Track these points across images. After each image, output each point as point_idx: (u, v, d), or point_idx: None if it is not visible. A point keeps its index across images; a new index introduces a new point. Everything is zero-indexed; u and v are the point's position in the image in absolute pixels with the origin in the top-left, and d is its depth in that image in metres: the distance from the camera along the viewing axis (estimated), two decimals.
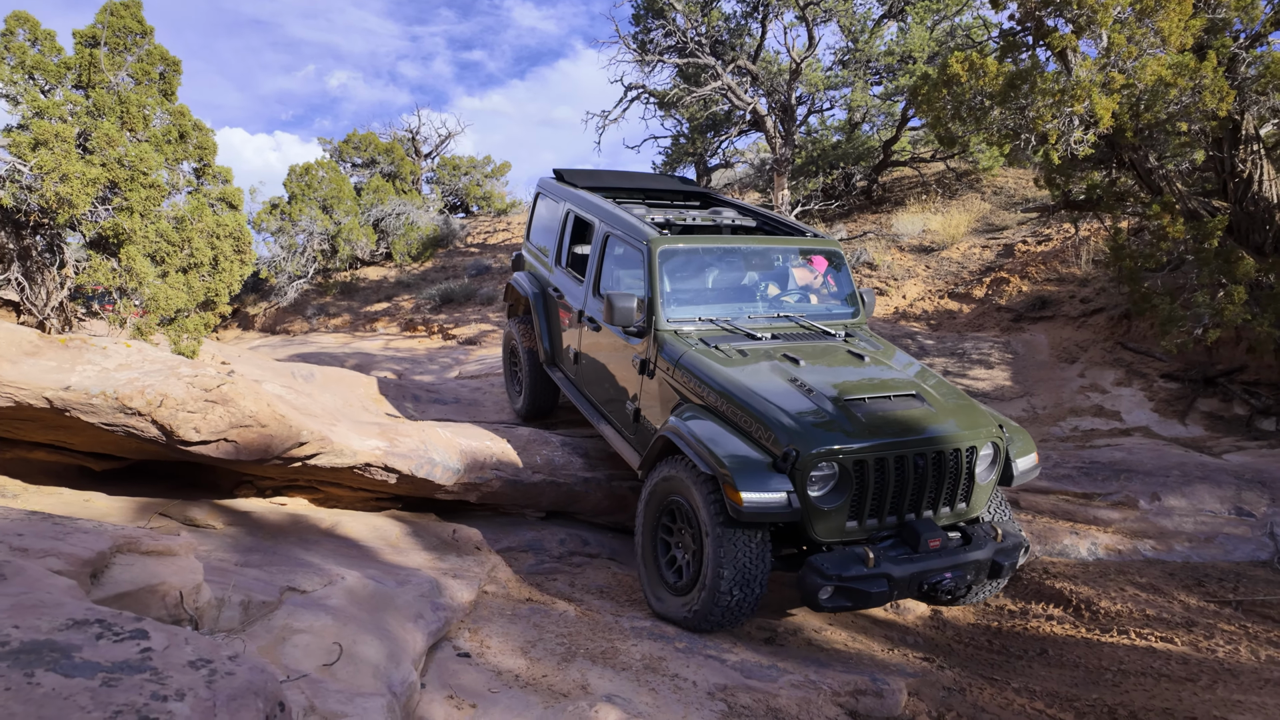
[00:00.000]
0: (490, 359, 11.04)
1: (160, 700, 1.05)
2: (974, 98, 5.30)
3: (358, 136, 19.91)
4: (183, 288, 3.72)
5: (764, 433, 3.40)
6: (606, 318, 4.10)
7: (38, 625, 1.20)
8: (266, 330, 16.31)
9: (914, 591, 3.36)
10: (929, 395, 3.69)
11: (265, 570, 2.95)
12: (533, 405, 6.06)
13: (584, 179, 6.08)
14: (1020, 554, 3.68)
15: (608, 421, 4.81)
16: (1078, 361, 7.59)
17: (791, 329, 4.34)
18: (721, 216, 5.19)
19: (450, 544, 4.50)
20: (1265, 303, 5.30)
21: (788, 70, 13.01)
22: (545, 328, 5.68)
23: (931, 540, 3.37)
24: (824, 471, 3.29)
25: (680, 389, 3.95)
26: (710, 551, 3.37)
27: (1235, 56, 5.67)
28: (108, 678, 1.08)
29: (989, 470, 3.66)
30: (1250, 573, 4.75)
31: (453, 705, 2.77)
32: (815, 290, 4.85)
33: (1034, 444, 3.93)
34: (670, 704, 2.96)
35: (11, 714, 0.96)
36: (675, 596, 3.68)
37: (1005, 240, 10.32)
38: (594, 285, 4.94)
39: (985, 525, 3.67)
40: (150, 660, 1.15)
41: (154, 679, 1.10)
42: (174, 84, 3.92)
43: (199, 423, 2.99)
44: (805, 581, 3.28)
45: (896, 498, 3.40)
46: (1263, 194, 5.84)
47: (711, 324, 4.25)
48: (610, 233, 4.84)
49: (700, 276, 4.59)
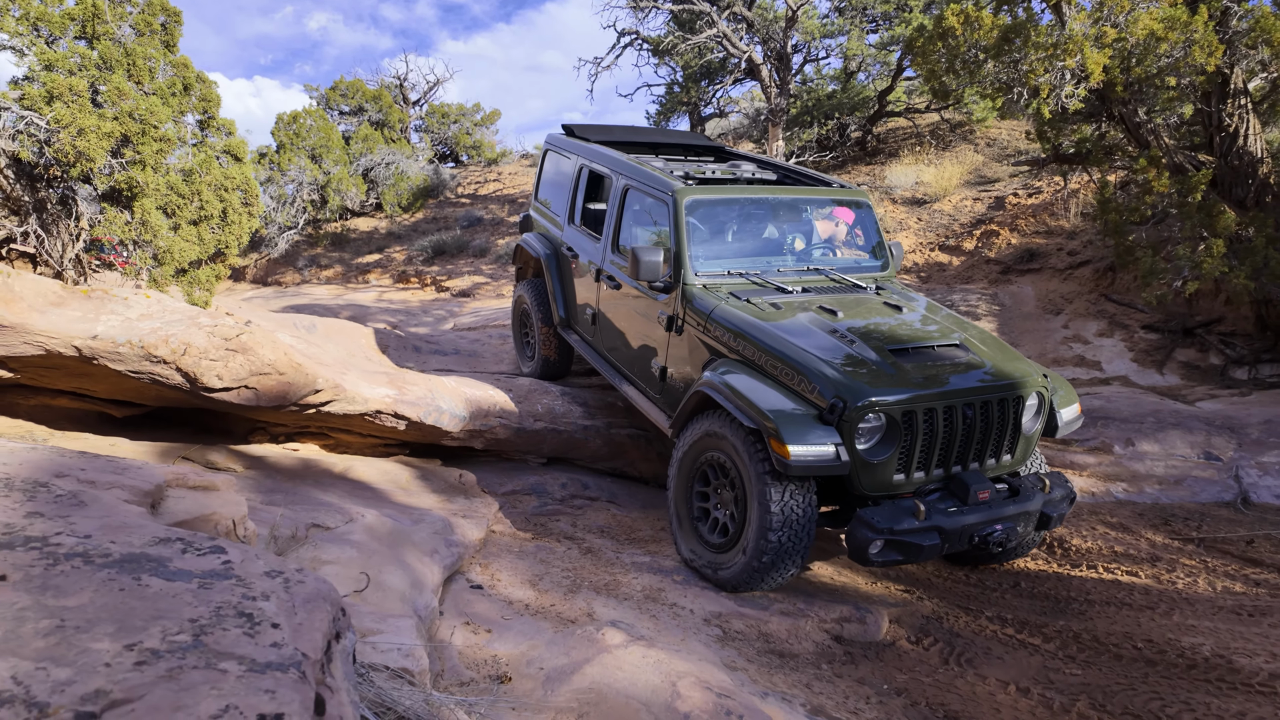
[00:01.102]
0: (485, 311, 11.14)
1: (250, 600, 1.22)
2: (968, 51, 5.35)
3: (345, 84, 19.53)
4: (194, 240, 3.80)
5: (806, 385, 3.28)
6: (631, 273, 3.95)
7: (130, 541, 1.37)
8: (258, 282, 16.28)
9: (964, 544, 3.29)
10: (973, 345, 3.60)
11: (290, 509, 3.14)
12: (545, 369, 5.87)
13: (596, 133, 5.85)
14: (1067, 505, 3.61)
15: (630, 382, 4.67)
16: (1062, 313, 7.79)
17: (822, 282, 4.21)
18: (740, 170, 4.98)
19: (458, 487, 4.71)
20: (1243, 255, 5.47)
21: (784, 17, 12.83)
22: (559, 289, 5.48)
23: (981, 492, 3.29)
24: (872, 423, 3.18)
25: (713, 344, 3.81)
26: (756, 509, 3.28)
27: (1227, 10, 5.72)
28: (202, 582, 1.25)
29: (1034, 421, 3.56)
30: (1214, 513, 5.03)
31: (470, 631, 2.99)
32: (841, 243, 4.71)
33: (1076, 394, 3.83)
34: (670, 629, 3.20)
35: (132, 609, 1.13)
36: (716, 554, 3.59)
37: (997, 192, 10.41)
38: (613, 241, 4.76)
39: (1032, 476, 3.60)
40: (233, 569, 1.32)
41: (240, 584, 1.28)
42: (175, 35, 3.92)
43: (221, 370, 3.13)
44: (855, 535, 3.19)
45: (945, 449, 3.31)
46: (1247, 148, 5.95)
47: (741, 277, 4.10)
48: (630, 185, 4.64)
49: (727, 229, 4.43)
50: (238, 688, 0.96)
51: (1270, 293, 5.65)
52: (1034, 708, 2.89)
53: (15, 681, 0.89)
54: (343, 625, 1.40)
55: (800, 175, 5.11)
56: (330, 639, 1.30)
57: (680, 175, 4.50)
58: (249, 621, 1.15)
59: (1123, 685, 2.98)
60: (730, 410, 3.36)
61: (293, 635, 1.16)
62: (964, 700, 2.96)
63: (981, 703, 2.94)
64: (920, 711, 2.87)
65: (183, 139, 3.96)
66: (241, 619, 1.15)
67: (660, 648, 2.81)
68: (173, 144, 3.70)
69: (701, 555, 3.66)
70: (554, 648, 2.83)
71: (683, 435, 3.80)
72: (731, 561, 3.46)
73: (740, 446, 3.35)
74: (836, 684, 2.97)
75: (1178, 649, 3.19)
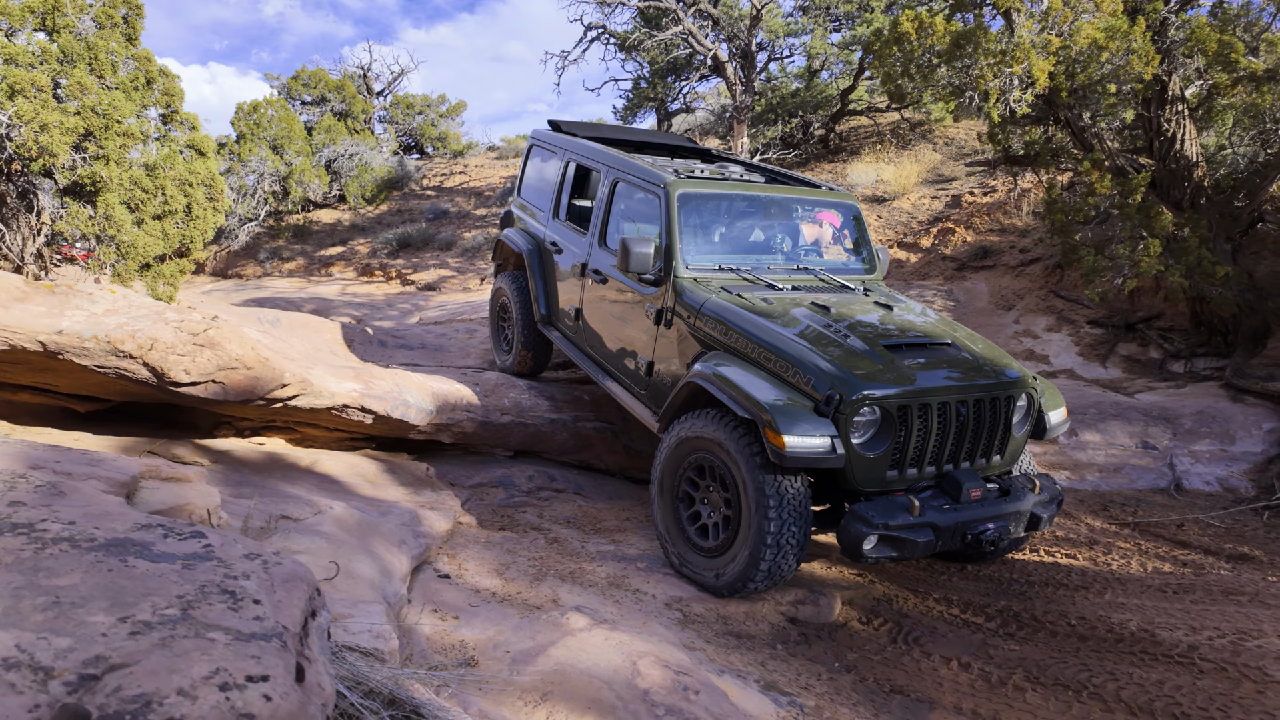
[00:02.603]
0: (451, 305, 11.13)
1: (232, 579, 1.31)
2: (922, 55, 5.54)
3: (306, 73, 19.24)
4: (158, 235, 3.80)
5: (801, 378, 3.25)
6: (620, 265, 3.90)
7: (113, 527, 1.44)
8: (217, 275, 16.00)
9: (957, 542, 3.26)
10: (964, 344, 3.62)
11: (258, 501, 3.19)
12: (522, 365, 5.81)
13: (583, 130, 5.82)
14: (1056, 506, 3.62)
15: (614, 379, 4.61)
16: (1014, 309, 8.08)
17: (811, 282, 4.21)
18: (729, 171, 4.93)
19: (425, 480, 4.77)
20: (1178, 254, 5.76)
21: (748, 16, 12.99)
22: (541, 285, 5.40)
23: (973, 490, 3.28)
24: (867, 416, 3.16)
25: (703, 337, 3.77)
26: (752, 509, 3.20)
27: (1165, 20, 6.00)
28: (185, 563, 1.33)
29: (1023, 422, 3.58)
30: (1150, 499, 5.31)
31: (437, 618, 3.07)
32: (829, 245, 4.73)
33: (1063, 398, 3.86)
34: (632, 613, 3.32)
35: (122, 588, 1.21)
36: (708, 559, 3.50)
37: (954, 191, 10.70)
38: (600, 236, 4.69)
39: (1022, 477, 3.60)
40: (214, 552, 1.41)
41: (221, 565, 1.36)
42: (137, 28, 3.89)
43: (188, 365, 3.16)
44: (849, 530, 3.14)
45: (937, 447, 3.31)
46: (1184, 152, 6.25)
47: (731, 273, 4.08)
48: (621, 179, 4.59)
49: (718, 224, 4.41)
50: (226, 654, 1.05)
51: (1203, 290, 5.96)
52: (973, 680, 3.08)
53: (20, 649, 0.97)
54: (318, 604, 1.49)
55: (789, 178, 5.11)
56: (307, 616, 1.39)
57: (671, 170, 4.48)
58: (232, 598, 1.24)
59: (1055, 659, 3.18)
60: (723, 400, 3.31)
61: (273, 610, 1.25)
62: (909, 675, 3.13)
63: (925, 677, 3.12)
64: (868, 686, 3.04)
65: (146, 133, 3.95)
66: (225, 595, 1.23)
67: (622, 630, 2.93)
68: (136, 138, 3.69)
69: (694, 562, 3.57)
70: (520, 632, 2.94)
71: (665, 437, 3.70)
72: (728, 566, 3.35)
73: (732, 444, 3.27)
74: (790, 662, 3.12)
75: (1107, 625, 3.40)
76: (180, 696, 0.94)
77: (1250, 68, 5.25)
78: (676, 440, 3.60)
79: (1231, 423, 5.66)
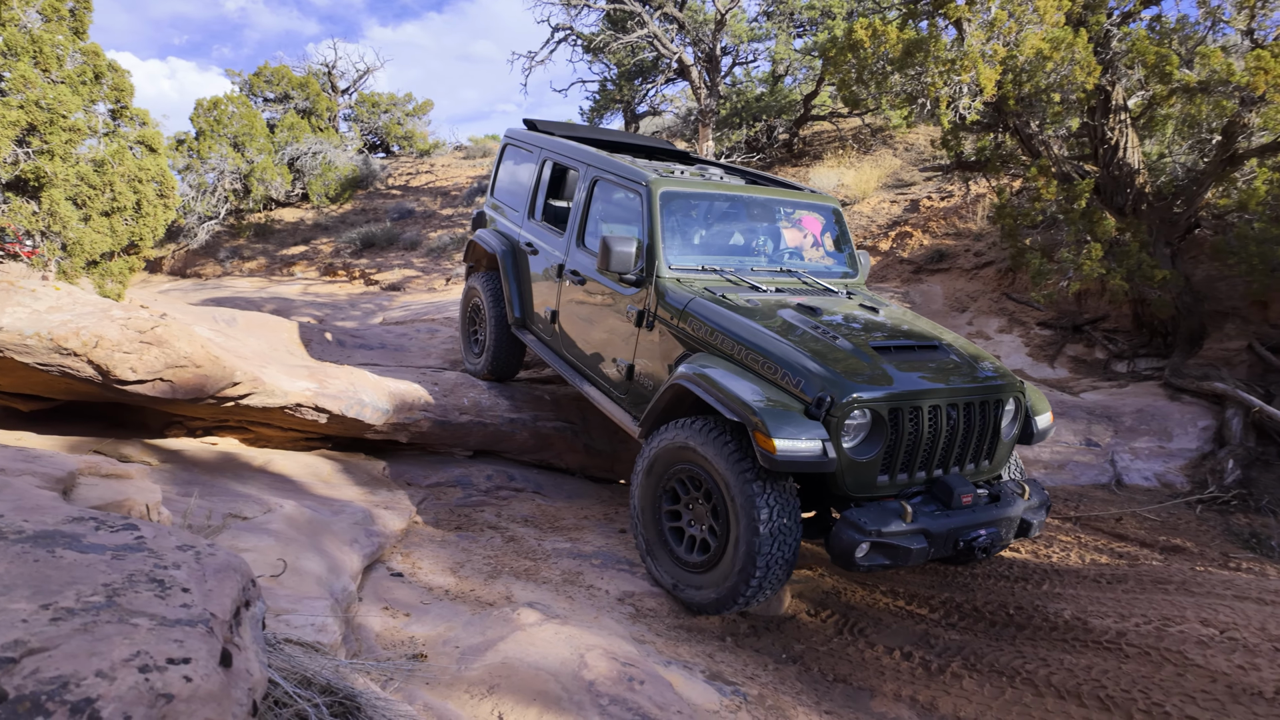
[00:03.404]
0: (416, 305, 11.07)
1: (162, 568, 1.33)
2: (876, 63, 5.68)
3: (269, 69, 18.95)
4: (106, 231, 3.74)
5: (790, 380, 3.15)
6: (601, 265, 3.78)
7: (44, 520, 1.45)
8: (176, 274, 15.69)
9: (949, 549, 3.17)
10: (952, 347, 3.57)
11: (206, 500, 3.17)
12: (495, 367, 5.63)
13: (559, 129, 5.71)
14: (1045, 511, 3.57)
15: (592, 383, 4.49)
16: (968, 310, 8.29)
17: (795, 284, 4.13)
18: (709, 173, 4.83)
19: (381, 480, 4.77)
20: (1120, 258, 5.97)
21: (713, 20, 13.12)
22: (516, 288, 5.29)
23: (964, 496, 3.21)
24: (858, 420, 3.07)
25: (687, 338, 3.68)
26: (740, 519, 3.09)
27: (1109, 32, 6.22)
28: (115, 554, 1.35)
29: (1011, 426, 3.53)
30: (1091, 494, 5.51)
31: (388, 615, 3.09)
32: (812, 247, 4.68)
33: (1048, 403, 3.82)
34: (584, 608, 3.37)
35: (47, 577, 1.22)
36: (695, 575, 3.37)
37: (912, 196, 10.93)
38: (578, 236, 4.57)
39: (1012, 483, 3.55)
40: (145, 544, 1.42)
41: (152, 556, 1.38)
42: (85, 22, 3.82)
43: (135, 363, 3.13)
44: (840, 538, 3.04)
45: (928, 451, 3.23)
46: (1126, 160, 6.48)
47: (715, 274, 3.99)
48: (600, 178, 4.48)
49: (701, 225, 4.33)
50: (148, 638, 1.08)
51: (1143, 293, 6.18)
52: (914, 669, 3.18)
53: None
54: (252, 595, 1.52)
55: (769, 180, 5.03)
56: (240, 605, 1.41)
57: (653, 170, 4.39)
58: (160, 586, 1.26)
59: (992, 647, 3.30)
60: (710, 403, 3.20)
61: (202, 598, 1.28)
62: (853, 665, 3.23)
63: (868, 666, 3.22)
64: (812, 675, 3.12)
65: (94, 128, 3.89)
66: (153, 584, 1.26)
67: (573, 625, 2.98)
68: (83, 133, 3.64)
69: (680, 578, 3.44)
70: (470, 628, 2.97)
71: (646, 446, 3.56)
72: (718, 581, 3.22)
73: (718, 454, 3.15)
74: (738, 653, 3.19)
75: (1043, 614, 3.53)
76: (98, 678, 0.97)
77: (1184, 79, 5.47)
78: (658, 451, 3.46)
79: (1169, 420, 5.89)
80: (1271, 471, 5.26)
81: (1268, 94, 5.07)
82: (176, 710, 1.00)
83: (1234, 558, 4.40)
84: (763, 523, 3.02)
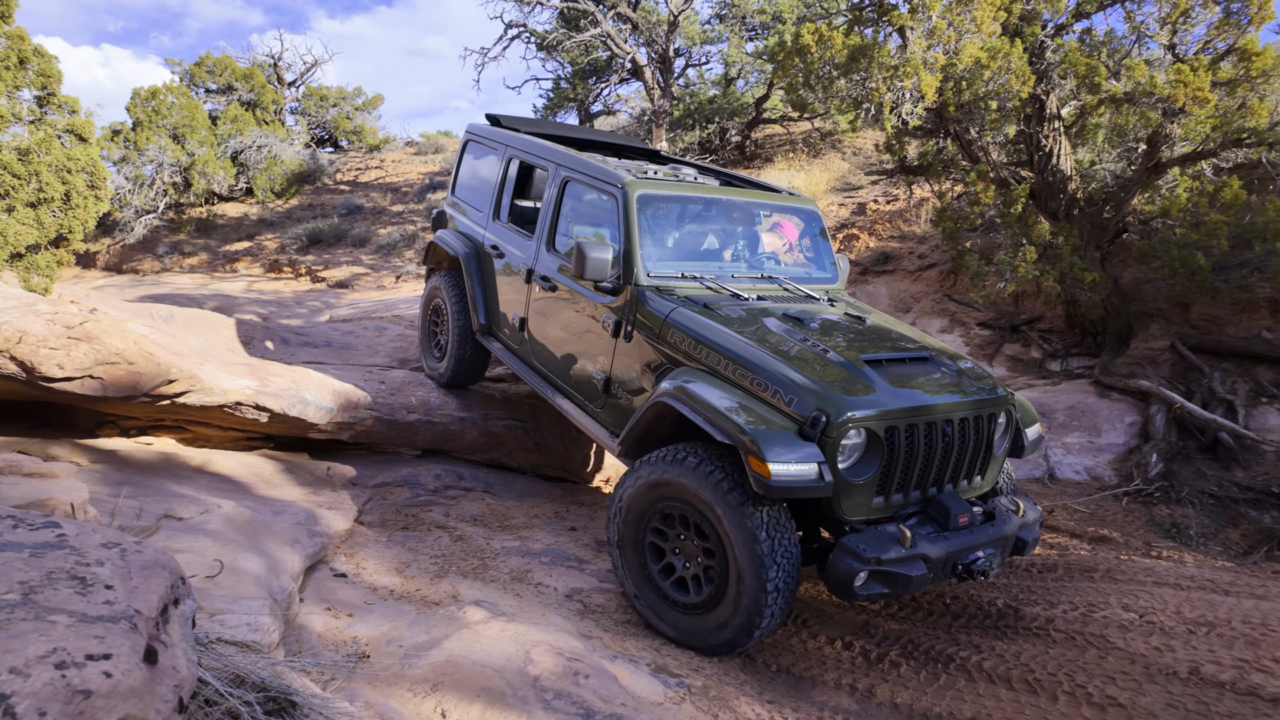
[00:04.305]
0: (364, 303, 10.87)
1: (84, 565, 1.30)
2: (822, 67, 5.80)
3: (211, 59, 18.38)
4: (32, 223, 3.58)
5: (780, 398, 2.98)
6: (575, 271, 3.58)
7: None
8: (111, 269, 15.11)
9: (947, 573, 3.03)
10: (941, 358, 3.44)
11: (140, 500, 3.07)
12: (457, 374, 5.37)
13: (526, 126, 5.44)
14: (1039, 528, 3.45)
15: (565, 395, 4.26)
16: (911, 311, 8.52)
17: (777, 291, 3.97)
18: (682, 173, 4.62)
19: (325, 480, 4.68)
20: (1053, 261, 6.22)
21: (666, 21, 13.20)
22: (480, 293, 5.03)
23: (961, 516, 3.07)
24: (853, 440, 2.89)
25: (669, 350, 3.48)
26: (742, 557, 2.87)
27: (1043, 43, 6.47)
28: (34, 551, 1.31)
29: (1003, 440, 3.40)
30: (1026, 487, 5.71)
31: (331, 615, 3.04)
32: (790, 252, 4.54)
33: (1036, 413, 3.70)
34: (532, 605, 3.37)
35: None
36: (694, 617, 3.14)
37: (859, 199, 11.18)
38: (548, 239, 4.35)
39: (1006, 499, 3.41)
40: (67, 541, 1.39)
41: (74, 554, 1.34)
42: (10, 5, 3.64)
43: (62, 359, 3.02)
44: (839, 567, 2.85)
45: (923, 469, 3.08)
46: (1059, 166, 6.75)
47: (695, 281, 3.80)
48: (572, 178, 4.27)
49: (679, 229, 4.15)
50: (67, 635, 1.06)
51: (1075, 294, 6.45)
52: (854, 657, 3.27)
53: None
54: (182, 593, 1.49)
55: (744, 181, 4.87)
56: (168, 603, 1.39)
57: (627, 170, 4.18)
58: (81, 583, 1.23)
59: (929, 635, 3.41)
60: (698, 423, 3.00)
61: (127, 595, 1.25)
62: (796, 656, 3.30)
63: (811, 656, 3.29)
64: (756, 667, 3.18)
65: (18, 116, 3.72)
66: (74, 581, 1.23)
67: (520, 622, 2.97)
68: (6, 120, 3.48)
69: (675, 620, 3.20)
70: (415, 627, 2.94)
71: (624, 482, 3.31)
72: (722, 622, 3.03)
73: (701, 484, 2.95)
74: (684, 647, 3.23)
75: (978, 603, 3.66)
76: (12, 674, 0.95)
77: (1112, 90, 5.72)
78: (634, 491, 3.22)
79: (1099, 417, 6.15)
80: (1191, 464, 5.54)
81: (1187, 106, 5.34)
82: (95, 706, 0.99)
83: (1155, 546, 4.62)
84: (767, 558, 2.82)
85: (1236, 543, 4.72)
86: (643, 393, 3.66)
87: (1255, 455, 5.43)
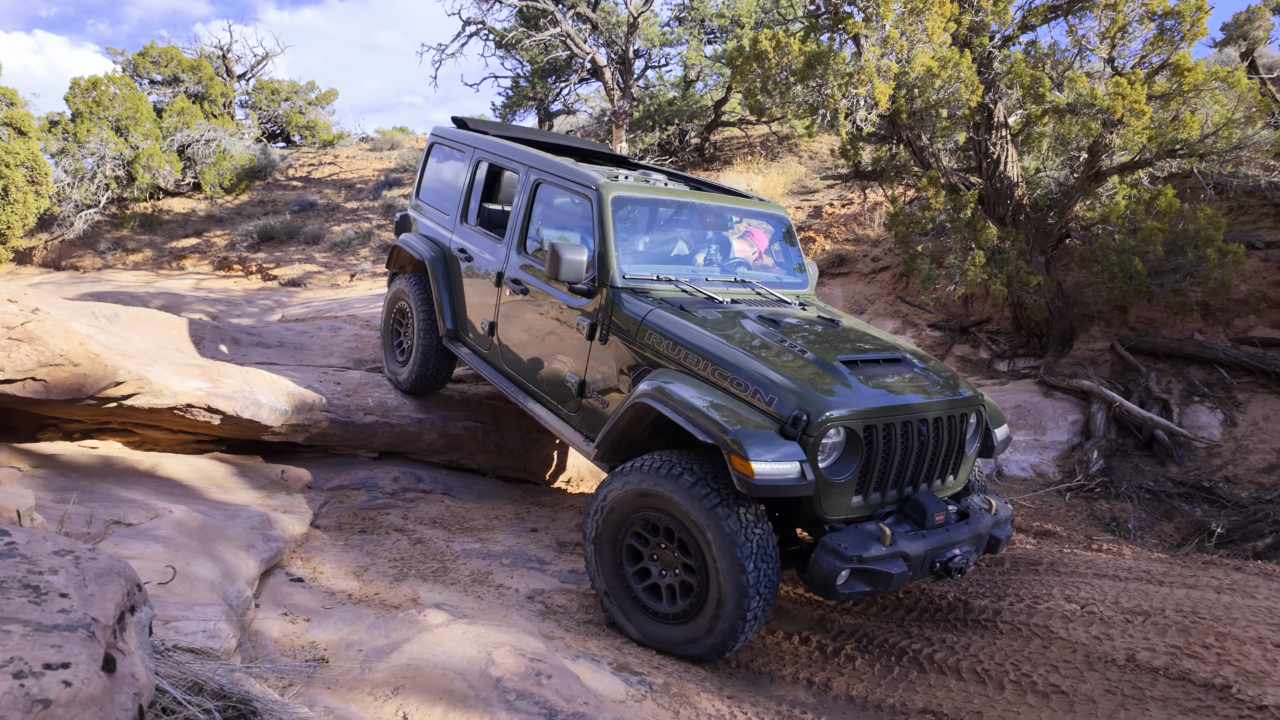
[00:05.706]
0: (318, 302, 10.66)
1: (37, 574, 1.27)
2: (779, 73, 5.90)
3: (156, 49, 17.79)
4: None
5: (761, 398, 3.00)
6: (550, 273, 3.57)
7: None
8: (49, 265, 14.51)
9: (925, 571, 3.06)
10: (913, 360, 3.49)
11: (87, 505, 2.99)
12: (420, 380, 5.28)
13: (493, 129, 5.41)
14: (1010, 526, 3.52)
15: (538, 399, 4.22)
16: (865, 312, 8.70)
17: (749, 295, 4.00)
18: (652, 179, 4.61)
19: (279, 483, 4.59)
20: (1000, 265, 6.43)
21: (625, 23, 13.23)
22: (447, 297, 4.97)
23: (937, 515, 3.11)
24: (833, 439, 2.92)
25: (645, 352, 3.48)
26: (719, 556, 2.88)
27: (990, 54, 6.68)
28: None
29: (974, 439, 3.46)
30: None
31: (288, 620, 3.00)
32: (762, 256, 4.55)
33: (1004, 415, 3.72)
34: (494, 607, 3.37)
35: None
36: (673, 626, 3.13)
37: (816, 202, 11.37)
38: (519, 242, 4.32)
39: (979, 498, 3.50)
40: (17, 549, 1.35)
41: (26, 562, 1.31)
42: None
43: (2, 361, 2.91)
44: (821, 565, 2.87)
45: (900, 468, 3.13)
46: (1006, 173, 6.98)
47: (670, 284, 3.80)
48: (543, 180, 4.25)
49: (651, 232, 4.17)
50: (23, 644, 1.04)
51: (1021, 297, 6.67)
52: (811, 652, 3.34)
53: None
54: (138, 600, 1.47)
55: (713, 187, 4.89)
56: (124, 610, 1.37)
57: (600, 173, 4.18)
58: (35, 592, 1.21)
59: (883, 629, 3.50)
60: (679, 423, 3.00)
61: (83, 603, 1.23)
62: (755, 651, 3.36)
63: (769, 652, 3.36)
64: (716, 664, 3.23)
65: None
66: (27, 590, 1.20)
67: (481, 624, 2.97)
68: None
69: (653, 630, 3.20)
70: (375, 631, 2.92)
71: (600, 492, 3.28)
72: (703, 630, 3.03)
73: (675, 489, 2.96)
74: (645, 646, 3.27)
75: (929, 598, 3.78)
76: None
77: (1055, 101, 5.95)
78: (628, 493, 3.17)
79: (1043, 415, 6.38)
80: (1129, 461, 5.78)
81: (1125, 117, 5.57)
82: (55, 716, 0.97)
83: (1096, 540, 4.82)
84: (746, 557, 2.84)
85: (1170, 535, 4.95)
86: (618, 395, 3.63)
87: (1188, 452, 5.69)
